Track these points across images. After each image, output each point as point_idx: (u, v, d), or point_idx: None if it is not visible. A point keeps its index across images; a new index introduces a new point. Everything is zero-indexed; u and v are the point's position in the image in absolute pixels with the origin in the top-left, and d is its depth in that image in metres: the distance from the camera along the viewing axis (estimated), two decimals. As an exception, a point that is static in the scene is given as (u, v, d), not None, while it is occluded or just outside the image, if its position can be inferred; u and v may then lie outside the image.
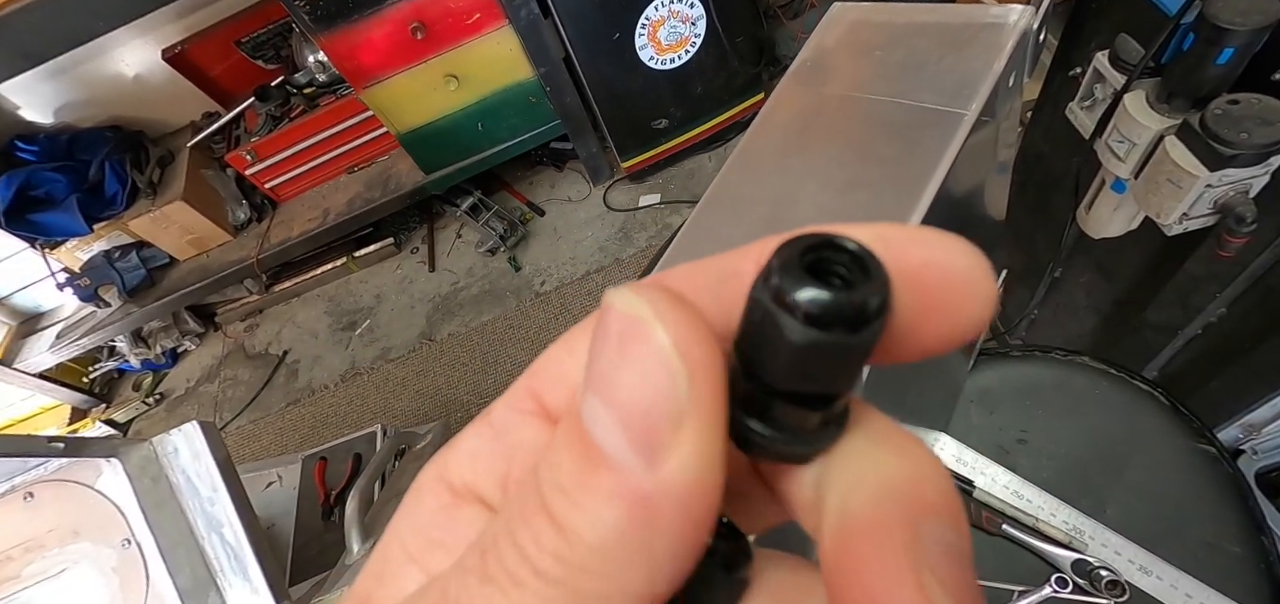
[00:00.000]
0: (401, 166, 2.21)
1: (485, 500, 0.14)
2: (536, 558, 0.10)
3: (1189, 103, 0.60)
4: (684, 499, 0.10)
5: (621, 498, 0.10)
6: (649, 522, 0.10)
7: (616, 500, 0.10)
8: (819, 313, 0.10)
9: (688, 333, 0.10)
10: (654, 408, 0.10)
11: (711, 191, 0.41)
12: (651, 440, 0.10)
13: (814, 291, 0.10)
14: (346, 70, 1.78)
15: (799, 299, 0.10)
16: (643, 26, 1.69)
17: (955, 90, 0.37)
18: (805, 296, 0.10)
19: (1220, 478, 0.63)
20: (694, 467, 0.10)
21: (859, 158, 0.38)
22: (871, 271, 0.10)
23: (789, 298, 0.10)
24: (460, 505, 0.14)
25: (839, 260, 0.10)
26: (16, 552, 0.87)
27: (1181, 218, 0.62)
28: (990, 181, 0.57)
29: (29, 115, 2.17)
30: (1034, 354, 0.73)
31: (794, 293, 0.10)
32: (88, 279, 2.24)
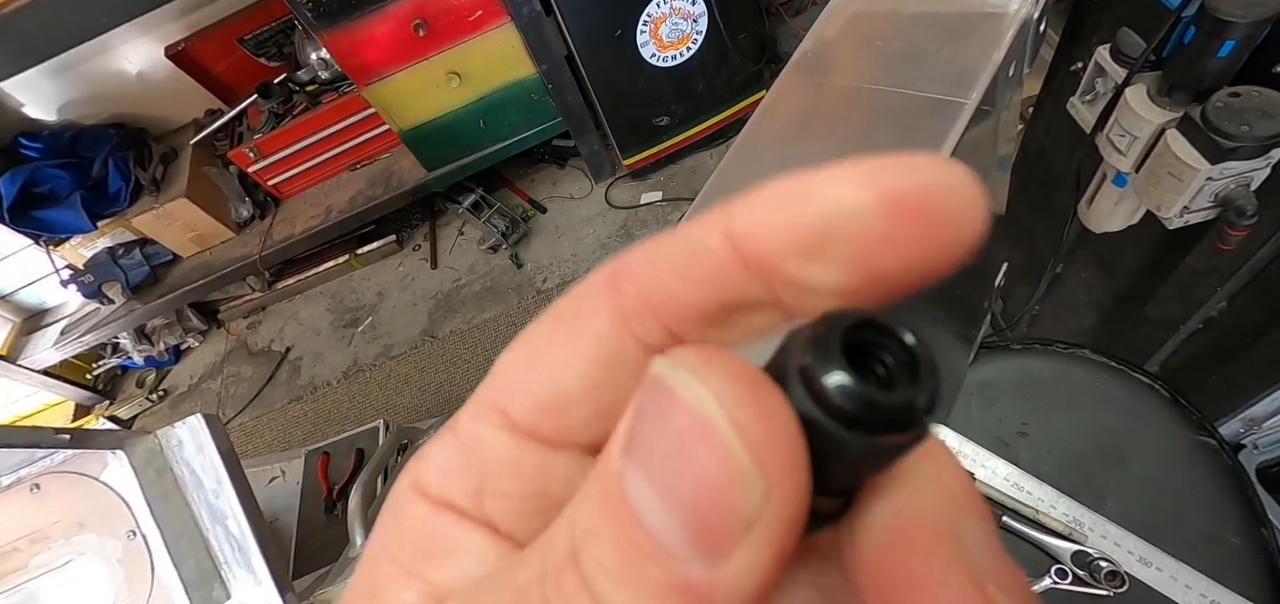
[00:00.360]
0: (403, 164, 2.21)
1: (463, 511, 0.13)
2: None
3: (1190, 96, 0.60)
4: (751, 598, 0.09)
5: (676, 594, 0.09)
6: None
7: (670, 596, 0.09)
8: (883, 411, 0.09)
9: (765, 434, 0.09)
10: (720, 513, 0.09)
11: (713, 180, 0.41)
12: (716, 542, 0.09)
13: (872, 396, 0.09)
14: (349, 67, 1.78)
15: (856, 402, 0.09)
16: (644, 23, 1.70)
17: (956, 80, 0.37)
18: (860, 400, 0.09)
19: (1220, 470, 0.64)
20: (761, 572, 0.09)
21: (860, 146, 0.38)
22: (919, 364, 0.09)
23: (841, 404, 0.09)
24: (441, 515, 0.13)
25: (878, 343, 0.09)
26: (23, 543, 0.88)
27: (1182, 211, 0.63)
28: (991, 177, 0.57)
29: (33, 112, 2.18)
30: (1034, 347, 0.73)
31: (845, 393, 0.09)
32: (91, 276, 2.25)
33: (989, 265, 0.70)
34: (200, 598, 0.89)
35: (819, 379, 0.09)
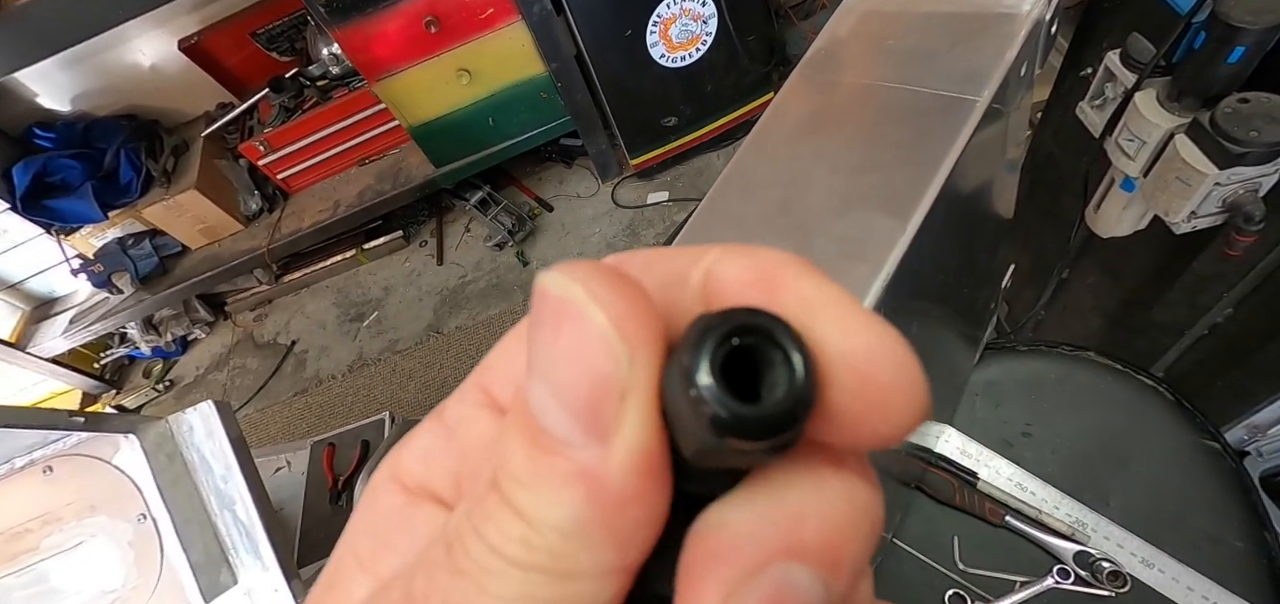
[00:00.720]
0: (412, 160, 2.22)
1: (440, 498, 0.13)
2: (505, 547, 0.10)
3: (1199, 101, 0.60)
4: (639, 469, 0.10)
5: (578, 480, 0.10)
6: (608, 499, 0.10)
7: (573, 483, 0.10)
8: (727, 421, 0.09)
9: (623, 308, 0.10)
10: (597, 386, 0.10)
11: (727, 173, 0.42)
12: (598, 420, 0.10)
13: (722, 400, 0.09)
14: (360, 63, 1.80)
15: (707, 401, 0.09)
16: (654, 24, 1.71)
17: (967, 78, 0.38)
18: (712, 400, 0.09)
19: (1224, 473, 0.64)
20: (643, 436, 0.10)
21: (871, 142, 0.39)
22: (794, 374, 0.09)
23: (698, 395, 0.09)
24: (415, 505, 0.13)
25: (764, 347, 0.10)
26: (35, 524, 0.89)
27: (1190, 216, 0.63)
28: (999, 180, 0.58)
29: (47, 103, 2.20)
30: (1040, 349, 0.74)
31: (702, 390, 0.09)
32: (101, 265, 2.27)
33: (996, 267, 0.71)
34: (208, 582, 0.89)
35: (690, 372, 0.09)
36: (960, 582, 0.65)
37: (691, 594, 0.10)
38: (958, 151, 0.36)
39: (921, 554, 0.67)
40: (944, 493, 0.69)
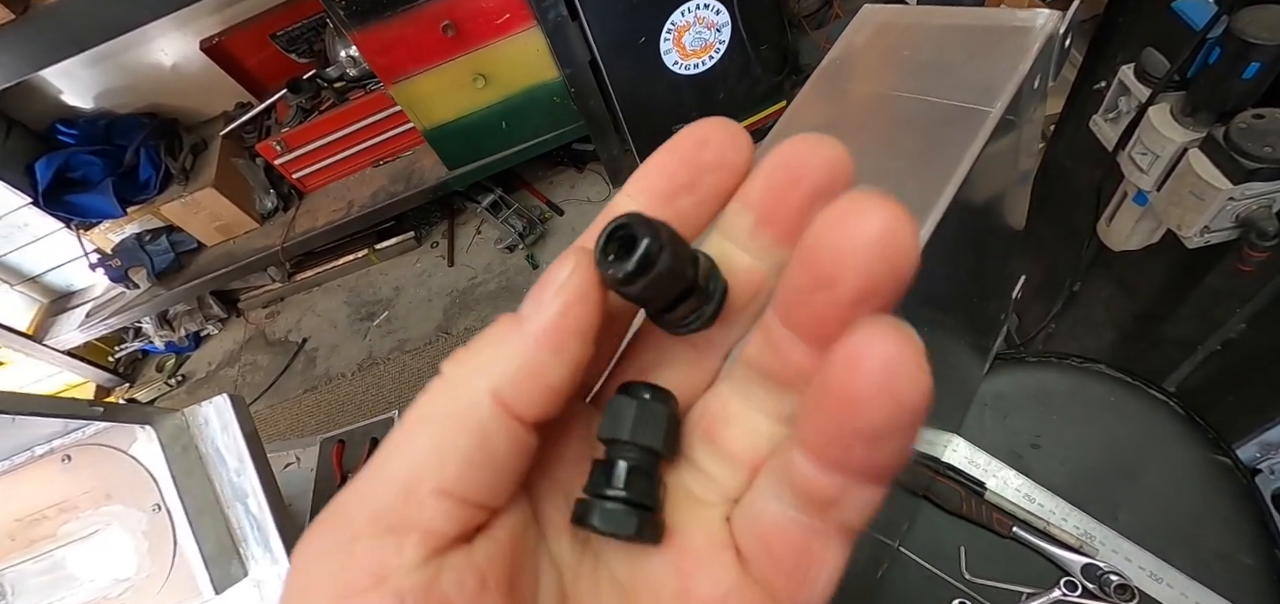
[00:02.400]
0: (425, 162, 2.25)
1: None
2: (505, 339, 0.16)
3: (1214, 116, 0.61)
4: (557, 319, 0.15)
5: (509, 326, 0.16)
6: (541, 337, 0.16)
7: (507, 331, 0.16)
8: (609, 278, 0.15)
9: (570, 259, 0.16)
10: (545, 283, 0.16)
11: (742, 179, 0.42)
12: (539, 297, 0.16)
13: (600, 265, 0.16)
14: (378, 66, 1.82)
15: (603, 272, 0.16)
16: (668, 31, 1.72)
17: (981, 89, 0.38)
18: (599, 266, 0.16)
19: (1235, 490, 0.64)
20: (559, 304, 0.15)
21: (884, 151, 0.39)
22: (639, 239, 0.15)
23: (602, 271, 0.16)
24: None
25: (632, 233, 0.15)
26: (52, 511, 0.91)
27: (1203, 231, 0.63)
28: (1011, 191, 0.58)
29: (70, 99, 2.24)
30: (1050, 360, 0.74)
31: (602, 267, 0.16)
32: (119, 260, 2.31)
33: (1007, 278, 0.71)
34: (219, 573, 0.91)
35: (598, 255, 0.16)
36: (967, 592, 0.65)
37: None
38: (970, 162, 0.36)
39: (928, 563, 0.67)
40: (951, 502, 0.69)
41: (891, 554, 0.67)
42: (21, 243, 2.32)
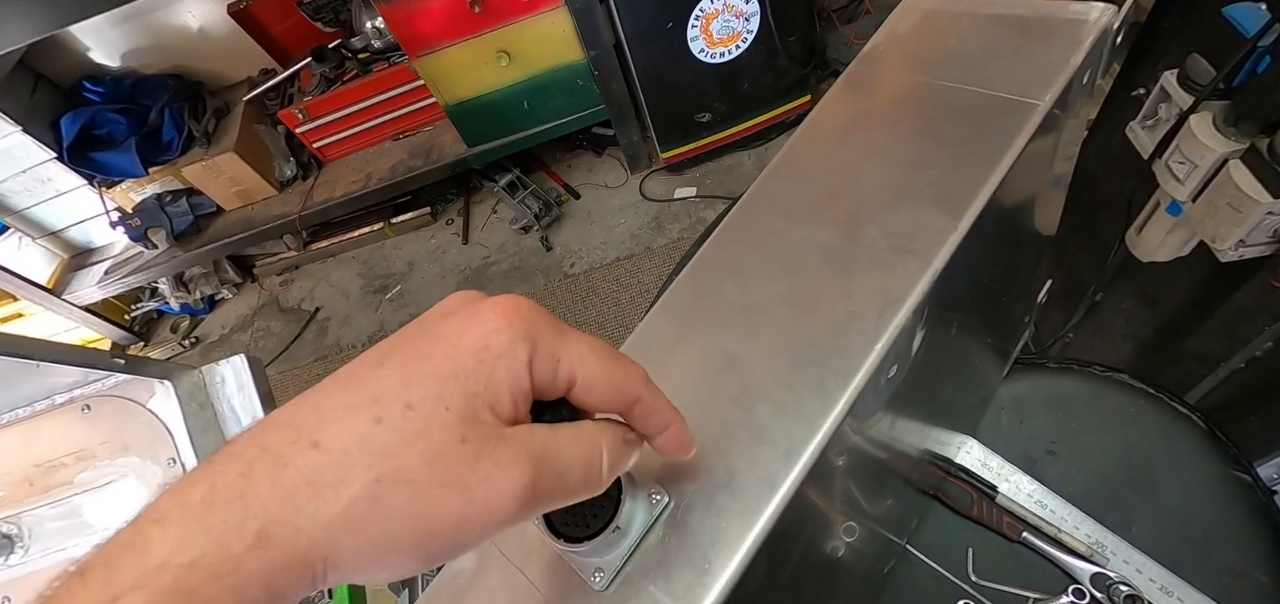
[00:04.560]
0: (445, 138, 2.25)
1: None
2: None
3: (1258, 127, 0.59)
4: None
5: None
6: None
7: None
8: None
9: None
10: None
11: (778, 160, 0.42)
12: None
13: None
14: (403, 38, 1.82)
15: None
16: (696, 18, 1.71)
17: (1029, 81, 0.38)
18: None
19: (1254, 508, 0.63)
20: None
21: (927, 138, 0.39)
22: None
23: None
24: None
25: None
26: (71, 459, 0.92)
27: (1238, 245, 0.62)
28: (1045, 194, 0.57)
29: (97, 57, 2.26)
30: (1071, 367, 0.73)
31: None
32: (139, 220, 2.33)
33: (1034, 282, 0.70)
34: (232, 529, 0.91)
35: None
36: (972, 593, 0.64)
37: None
38: (1016, 153, 0.36)
39: (935, 563, 0.67)
40: (962, 504, 0.68)
41: (898, 552, 0.66)
42: (45, 197, 2.35)
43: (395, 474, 0.19)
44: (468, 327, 0.22)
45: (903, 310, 0.33)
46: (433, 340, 0.21)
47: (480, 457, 0.20)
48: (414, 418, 0.19)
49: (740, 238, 0.39)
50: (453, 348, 0.21)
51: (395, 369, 0.20)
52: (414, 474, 0.19)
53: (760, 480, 0.31)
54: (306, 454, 0.19)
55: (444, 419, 0.20)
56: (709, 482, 0.32)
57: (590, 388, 0.23)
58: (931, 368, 0.45)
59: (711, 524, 0.30)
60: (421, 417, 0.20)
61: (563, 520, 0.28)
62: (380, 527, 0.19)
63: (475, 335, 0.21)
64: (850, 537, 0.47)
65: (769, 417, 0.32)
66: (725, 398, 0.33)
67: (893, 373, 0.36)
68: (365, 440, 0.19)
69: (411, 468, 0.19)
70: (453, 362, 0.21)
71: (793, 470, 0.31)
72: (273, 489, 0.18)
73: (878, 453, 0.44)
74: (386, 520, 0.19)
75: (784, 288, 0.36)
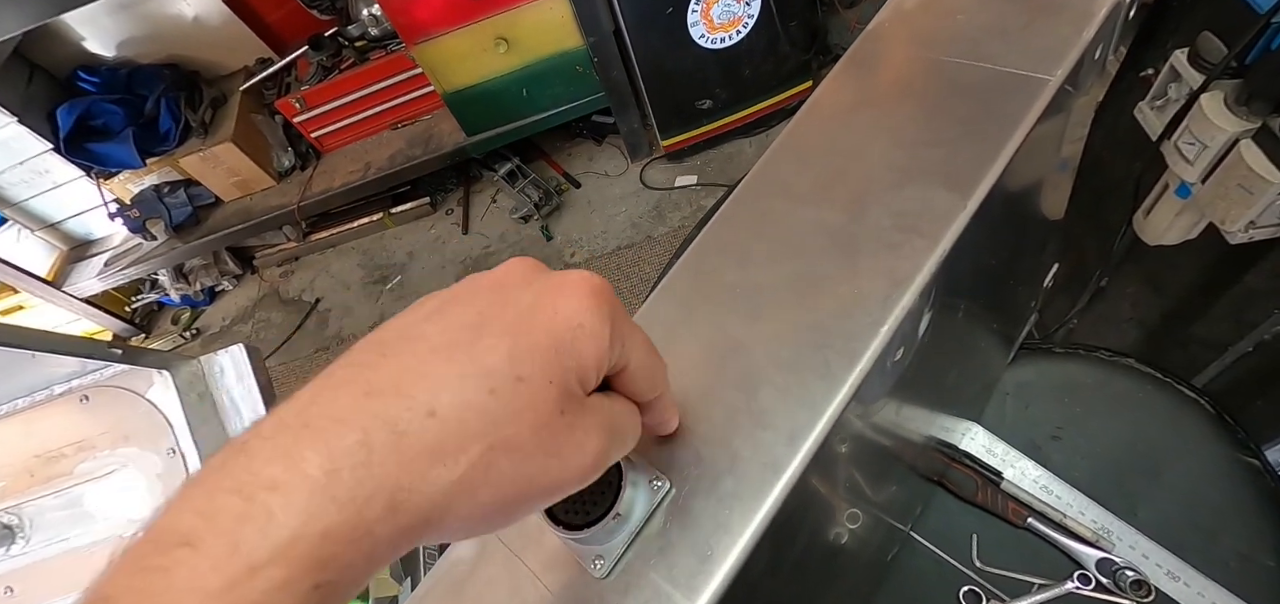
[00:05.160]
0: (444, 127, 2.24)
1: None
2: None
3: (1270, 106, 0.58)
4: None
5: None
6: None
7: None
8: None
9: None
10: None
11: (781, 139, 0.41)
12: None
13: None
14: (400, 25, 1.80)
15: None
16: (697, 3, 1.69)
17: (1039, 57, 0.37)
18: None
19: (1262, 491, 0.62)
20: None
21: (934, 116, 0.38)
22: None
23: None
24: None
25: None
26: (71, 449, 0.92)
27: (1248, 226, 0.61)
28: (1052, 176, 0.56)
29: (93, 47, 2.24)
30: (1077, 352, 0.72)
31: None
32: (137, 211, 2.32)
33: (1041, 266, 0.69)
34: (233, 519, 0.92)
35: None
36: (977, 580, 0.64)
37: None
38: (1025, 130, 0.35)
39: (938, 549, 0.67)
40: (966, 490, 0.68)
41: (903, 538, 0.66)
42: (42, 189, 2.34)
43: (506, 443, 0.20)
44: (560, 301, 0.23)
45: (909, 292, 0.32)
46: (528, 313, 0.22)
47: (574, 426, 0.22)
48: (524, 391, 0.21)
49: (743, 219, 0.39)
50: (550, 323, 0.22)
51: (500, 340, 0.21)
52: (522, 443, 0.21)
53: (764, 465, 0.30)
54: (425, 423, 0.19)
55: (548, 394, 0.21)
56: (712, 467, 0.31)
57: (637, 375, 0.26)
58: (937, 352, 0.44)
59: (713, 511, 0.30)
60: (531, 390, 0.21)
61: (563, 507, 0.28)
62: (491, 490, 0.20)
63: (570, 311, 0.22)
64: (854, 523, 0.47)
65: (772, 400, 0.32)
66: (728, 382, 0.33)
67: (899, 356, 0.35)
68: (481, 411, 0.20)
69: (520, 437, 0.21)
70: (553, 337, 0.22)
71: (796, 456, 0.30)
72: (397, 458, 0.19)
73: (882, 439, 0.44)
74: (497, 485, 0.20)
75: (788, 270, 0.35)
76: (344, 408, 0.19)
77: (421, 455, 0.19)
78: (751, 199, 0.40)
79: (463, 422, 0.20)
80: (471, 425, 0.20)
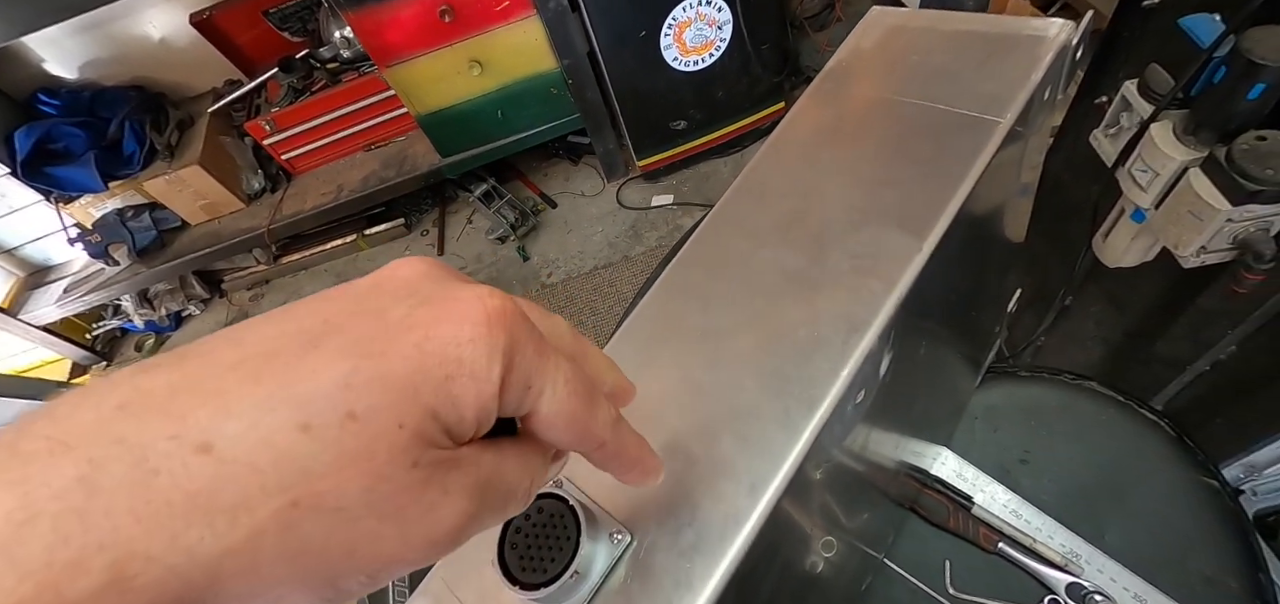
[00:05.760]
0: (418, 148, 2.22)
1: None
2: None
3: (1216, 136, 0.60)
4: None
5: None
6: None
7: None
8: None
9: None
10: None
11: (741, 181, 0.41)
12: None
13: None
14: (372, 48, 1.79)
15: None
16: (669, 26, 1.70)
17: (991, 99, 0.37)
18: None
19: (1222, 513, 0.63)
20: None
21: (891, 157, 0.38)
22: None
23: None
24: None
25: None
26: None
27: (1200, 251, 0.63)
28: (1013, 203, 0.57)
29: (53, 69, 2.18)
30: (1042, 375, 0.73)
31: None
32: (99, 236, 2.25)
33: (1004, 290, 0.71)
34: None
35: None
36: (951, 606, 0.64)
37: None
38: (978, 172, 0.35)
39: (912, 576, 0.67)
40: (938, 516, 0.68)
41: (876, 567, 0.66)
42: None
43: (317, 499, 0.15)
44: (437, 324, 0.17)
45: (868, 336, 0.32)
46: (389, 330, 0.17)
47: (428, 483, 0.16)
48: (357, 433, 0.15)
49: (704, 260, 0.38)
50: (416, 349, 0.17)
51: (334, 361, 0.16)
52: (346, 501, 0.15)
53: (725, 517, 0.30)
54: (192, 461, 0.13)
55: (394, 440, 0.16)
56: (672, 520, 0.30)
57: (550, 426, 0.20)
58: (903, 385, 0.45)
59: (675, 565, 0.29)
60: (367, 433, 0.15)
61: (520, 566, 0.27)
62: (285, 565, 0.14)
63: (445, 339, 0.17)
64: (828, 552, 0.47)
65: (733, 450, 0.31)
66: (689, 429, 0.32)
67: (860, 399, 0.35)
68: (283, 454, 0.14)
69: (343, 494, 0.15)
70: (415, 368, 0.16)
71: (758, 505, 0.30)
72: (137, 509, 0.13)
73: (852, 469, 0.44)
74: (295, 556, 0.15)
75: (748, 313, 0.35)
76: (78, 424, 0.14)
77: (178, 508, 0.13)
78: (713, 238, 0.40)
79: (253, 466, 0.14)
80: (266, 473, 0.14)
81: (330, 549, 0.15)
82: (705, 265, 0.38)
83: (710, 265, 0.38)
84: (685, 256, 0.39)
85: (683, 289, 0.37)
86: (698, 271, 0.38)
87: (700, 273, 0.38)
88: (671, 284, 0.38)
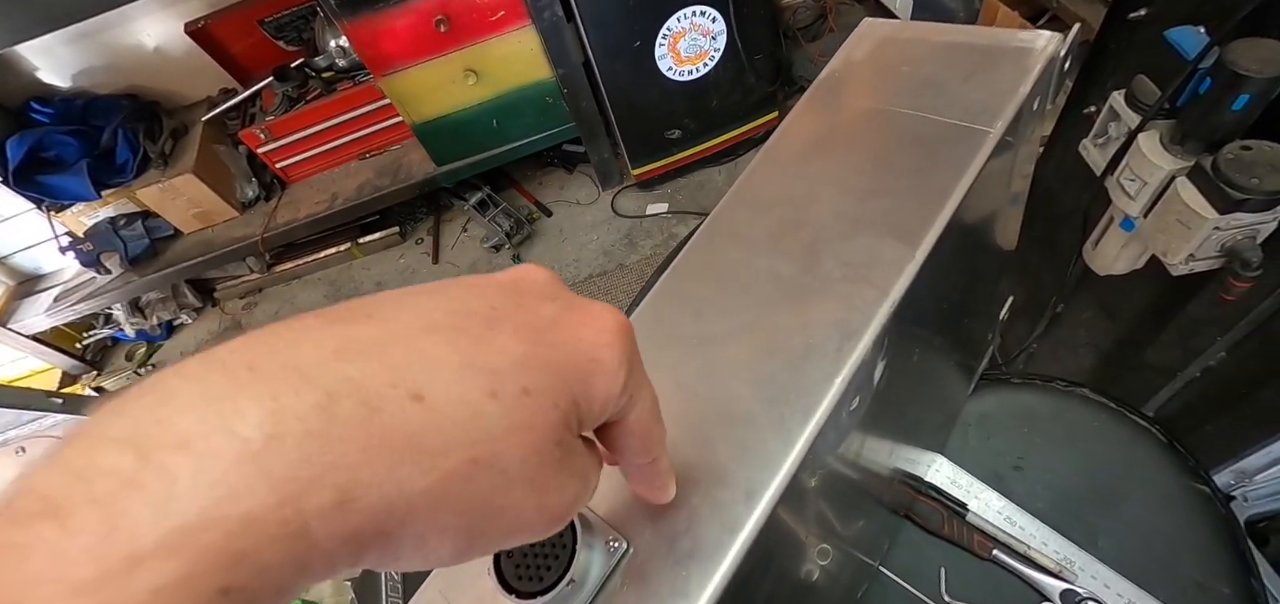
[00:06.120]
0: (413, 157, 2.22)
1: None
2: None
3: (1202, 146, 0.61)
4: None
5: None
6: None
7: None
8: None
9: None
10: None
11: (735, 190, 0.41)
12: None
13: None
14: (367, 57, 1.79)
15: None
16: (663, 37, 1.72)
17: (981, 109, 0.38)
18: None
19: (1213, 519, 0.64)
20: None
21: (881, 167, 0.39)
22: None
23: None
24: None
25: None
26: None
27: (1188, 259, 0.64)
28: (1003, 211, 0.58)
29: (47, 77, 2.18)
30: (1035, 382, 0.74)
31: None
32: (91, 244, 2.24)
33: (996, 298, 0.71)
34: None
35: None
36: (946, 613, 0.64)
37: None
38: (969, 181, 0.36)
39: (907, 583, 0.67)
40: (933, 523, 0.68)
41: (871, 574, 0.66)
42: (-11, 222, 2.25)
43: (493, 459, 0.17)
44: (581, 326, 0.20)
45: (861, 343, 0.33)
46: (547, 326, 0.19)
47: (562, 463, 0.19)
48: (527, 406, 0.18)
49: (699, 268, 0.39)
50: (568, 344, 0.19)
51: (514, 341, 0.18)
52: (508, 465, 0.17)
53: (722, 525, 0.30)
54: (407, 406, 0.15)
55: (550, 418, 0.18)
56: (668, 528, 0.30)
57: (634, 431, 0.23)
58: (897, 392, 0.45)
59: (671, 573, 0.29)
60: (534, 407, 0.18)
61: (515, 574, 0.27)
62: (454, 513, 0.16)
63: (589, 341, 0.20)
64: (824, 560, 0.47)
65: (728, 457, 0.31)
66: (684, 437, 0.32)
67: (855, 406, 0.35)
68: (476, 413, 0.16)
69: (510, 458, 0.17)
70: (566, 359, 0.19)
71: (754, 513, 0.30)
72: (363, 440, 0.14)
73: (847, 476, 0.44)
74: (463, 507, 0.17)
75: (742, 321, 0.35)
76: (306, 359, 0.15)
77: (397, 445, 0.15)
78: (707, 247, 0.40)
79: (453, 419, 0.16)
80: (462, 426, 0.16)
81: (489, 506, 0.17)
82: (700, 274, 0.38)
83: (705, 274, 0.38)
84: (680, 265, 0.39)
85: (677, 297, 0.38)
86: (692, 280, 0.38)
87: (695, 281, 0.38)
88: (666, 292, 0.38)
